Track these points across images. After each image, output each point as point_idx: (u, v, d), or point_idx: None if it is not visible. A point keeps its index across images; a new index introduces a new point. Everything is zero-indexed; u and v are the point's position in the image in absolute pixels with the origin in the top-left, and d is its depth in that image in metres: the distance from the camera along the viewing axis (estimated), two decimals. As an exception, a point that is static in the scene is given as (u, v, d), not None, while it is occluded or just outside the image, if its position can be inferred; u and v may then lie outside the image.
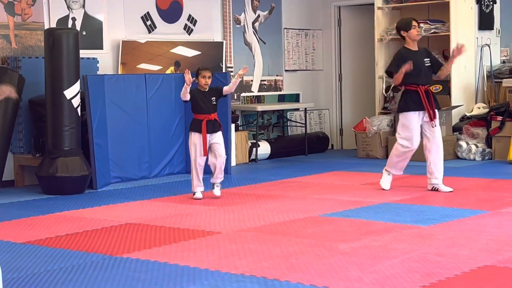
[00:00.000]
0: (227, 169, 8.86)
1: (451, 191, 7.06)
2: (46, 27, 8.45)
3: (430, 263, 4.43)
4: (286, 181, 8.23)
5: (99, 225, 5.93)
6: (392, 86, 10.32)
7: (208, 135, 7.00)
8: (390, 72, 7.28)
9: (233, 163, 9.55)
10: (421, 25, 9.97)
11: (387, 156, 9.93)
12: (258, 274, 4.29)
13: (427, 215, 5.98)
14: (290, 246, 4.99)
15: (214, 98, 7.10)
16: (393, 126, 10.09)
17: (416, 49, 7.24)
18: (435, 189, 7.11)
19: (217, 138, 7.10)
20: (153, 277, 4.33)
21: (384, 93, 10.38)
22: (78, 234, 5.60)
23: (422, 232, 5.32)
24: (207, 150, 7.01)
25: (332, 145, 11.62)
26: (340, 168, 9.27)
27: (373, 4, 10.52)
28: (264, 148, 10.31)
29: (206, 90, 7.12)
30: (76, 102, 7.69)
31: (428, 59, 7.22)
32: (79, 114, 7.78)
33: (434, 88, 10.07)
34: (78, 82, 7.71)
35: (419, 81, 7.10)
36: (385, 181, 7.31)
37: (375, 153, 10.13)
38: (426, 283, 4.02)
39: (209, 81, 7.11)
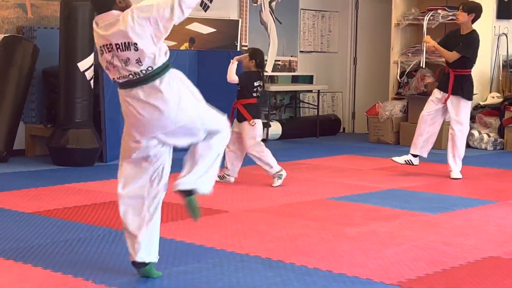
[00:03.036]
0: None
1: (459, 179, 7.06)
2: (63, -2, 8.42)
3: (436, 251, 4.42)
4: (295, 163, 8.21)
5: (107, 199, 5.95)
6: (406, 72, 10.26)
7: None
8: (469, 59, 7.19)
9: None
10: (439, 11, 9.93)
11: (398, 142, 9.97)
12: (263, 255, 4.30)
13: (435, 203, 5.96)
14: (296, 229, 4.99)
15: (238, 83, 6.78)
16: (406, 111, 10.05)
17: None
18: None
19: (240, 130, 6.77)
20: (159, 253, 4.34)
21: (398, 78, 10.31)
22: (86, 207, 5.62)
23: (429, 220, 5.31)
24: None
25: (344, 128, 11.59)
26: (351, 152, 9.25)
27: (391, -12, 10.42)
28: (276, 129, 10.30)
29: None
30: (89, 74, 7.68)
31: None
32: (92, 87, 7.78)
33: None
34: (92, 55, 7.71)
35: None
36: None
37: (386, 138, 10.10)
38: (430, 271, 4.02)
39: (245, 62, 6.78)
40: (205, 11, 9.90)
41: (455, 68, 7.14)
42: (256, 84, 6.69)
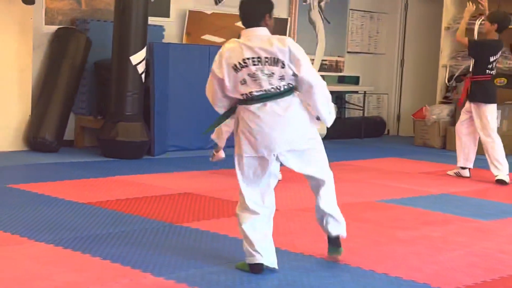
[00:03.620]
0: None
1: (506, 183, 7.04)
2: (117, -9, 8.51)
3: (492, 259, 4.38)
4: (341, 163, 8.18)
5: (158, 192, 6.00)
6: (455, 76, 10.18)
7: None
8: None
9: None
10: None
11: (444, 146, 9.89)
12: (317, 255, 4.30)
13: (486, 209, 5.91)
14: (348, 230, 4.94)
15: None
16: (454, 116, 9.96)
17: None
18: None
19: None
20: (213, 248, 4.38)
21: (447, 82, 10.23)
22: (138, 199, 5.68)
23: (482, 227, 5.26)
24: None
25: (388, 131, 11.52)
26: (396, 155, 9.19)
27: (443, -9, 10.34)
28: (320, 128, 10.21)
29: None
30: (141, 68, 7.75)
31: None
32: (143, 81, 7.85)
33: (498, 81, 9.91)
34: (145, 49, 7.77)
35: None
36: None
37: (432, 142, 10.02)
38: (487, 278, 3.99)
39: None
40: (255, 8, 9.91)
41: (471, 75, 7.38)
42: None
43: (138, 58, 7.69)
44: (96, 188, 6.07)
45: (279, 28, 10.06)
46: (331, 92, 10.83)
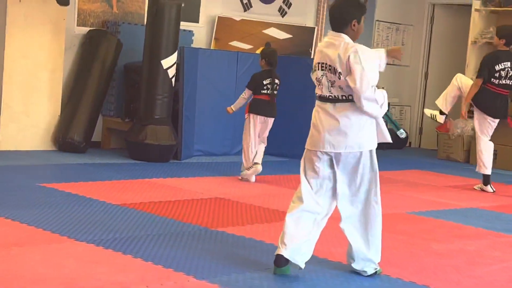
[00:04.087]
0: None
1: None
2: (148, -5, 8.56)
3: (530, 274, 4.38)
4: (367, 174, 8.18)
5: (189, 196, 6.02)
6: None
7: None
8: None
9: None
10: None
11: (468, 160, 9.87)
12: (355, 264, 4.30)
13: (518, 225, 5.91)
14: (383, 241, 4.95)
15: None
16: (478, 130, 9.93)
17: None
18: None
19: None
20: (251, 254, 4.39)
21: (472, 96, 10.19)
22: (170, 203, 5.69)
23: (516, 242, 5.26)
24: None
25: (410, 143, 11.52)
26: (420, 167, 9.19)
27: (469, 5, 10.34)
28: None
29: None
30: (171, 72, 7.78)
31: None
32: (173, 85, 7.88)
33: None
34: (176, 53, 7.80)
35: None
36: None
37: (456, 156, 10.01)
38: (528, 294, 3.99)
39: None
40: (283, 16, 9.95)
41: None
42: (265, 82, 7.05)
43: (169, 62, 7.73)
44: (127, 190, 6.09)
45: (306, 36, 10.09)
46: None
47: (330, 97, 3.95)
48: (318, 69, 3.96)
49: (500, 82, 7.41)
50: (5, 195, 5.44)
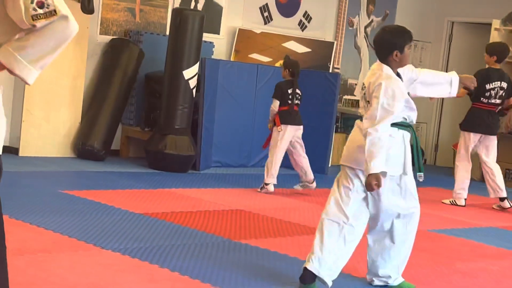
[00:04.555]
0: (324, 169, 8.90)
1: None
2: (170, 5, 8.62)
3: (556, 296, 4.36)
4: (384, 190, 8.17)
5: (210, 207, 6.03)
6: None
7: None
8: None
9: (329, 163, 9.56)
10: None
11: (483, 179, 9.83)
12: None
13: (539, 246, 5.88)
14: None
15: None
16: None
17: None
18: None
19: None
20: (276, 267, 4.39)
21: (489, 115, 10.18)
22: (192, 213, 5.70)
23: (539, 263, 5.23)
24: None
25: (425, 160, 11.49)
26: (436, 184, 9.16)
27: (489, 24, 10.34)
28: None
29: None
30: (192, 83, 7.81)
31: None
32: (193, 95, 7.90)
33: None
34: (197, 64, 7.83)
35: None
36: None
37: (472, 174, 9.91)
38: (555, 316, 3.97)
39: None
40: (303, 30, 9.98)
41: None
42: (289, 91, 7.11)
43: (191, 73, 7.75)
44: (148, 199, 6.10)
45: (325, 51, 10.12)
46: None
47: (363, 116, 3.99)
48: (362, 89, 4.03)
49: (490, 101, 7.42)
50: (28, 201, 5.45)
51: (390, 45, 3.91)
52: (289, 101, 7.12)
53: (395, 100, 3.83)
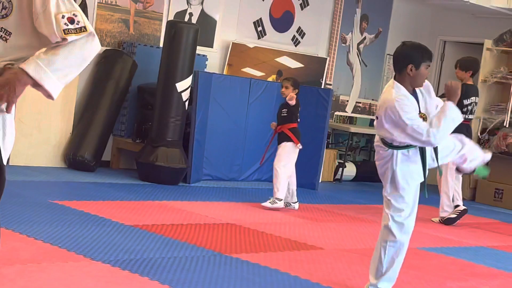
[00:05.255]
0: (314, 184, 8.90)
1: None
2: (165, 18, 8.63)
3: (546, 317, 4.37)
4: (374, 207, 8.19)
5: (201, 220, 6.01)
6: (488, 129, 10.21)
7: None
8: None
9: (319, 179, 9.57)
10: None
11: (474, 198, 9.88)
12: (371, 297, 4.29)
13: (528, 266, 5.90)
14: (398, 276, 4.96)
15: (285, 110, 7.19)
16: (485, 169, 9.96)
17: None
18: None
19: (278, 150, 7.17)
20: (267, 282, 4.37)
21: (479, 135, 10.26)
22: (183, 226, 5.68)
23: (529, 283, 5.25)
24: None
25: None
26: (426, 203, 9.11)
27: (481, 44, 10.42)
28: (350, 170, 10.29)
29: (284, 102, 7.23)
30: (185, 95, 7.81)
31: None
32: (186, 108, 7.89)
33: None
34: (191, 77, 7.83)
35: None
36: None
37: (462, 193, 9.98)
38: (545, 337, 3.97)
39: (285, 92, 7.16)
40: (296, 46, 10.01)
41: None
42: (299, 110, 7.27)
43: (184, 85, 7.75)
44: (139, 211, 6.07)
45: (317, 66, 10.15)
46: (363, 134, 11.23)
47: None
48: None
49: (466, 117, 7.41)
50: (18, 211, 5.42)
51: (406, 58, 3.94)
52: (299, 119, 7.21)
53: (409, 111, 3.90)
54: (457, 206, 7.46)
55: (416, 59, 3.94)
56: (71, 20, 2.46)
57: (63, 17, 2.44)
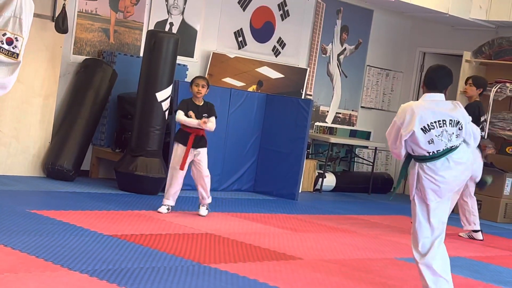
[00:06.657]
0: (294, 195, 8.91)
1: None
2: (145, 27, 8.63)
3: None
4: (353, 217, 8.22)
5: (180, 230, 6.00)
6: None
7: (192, 149, 6.85)
8: None
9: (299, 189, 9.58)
10: (507, 84, 9.99)
11: (453, 209, 9.92)
12: (349, 308, 4.30)
13: (506, 277, 5.94)
14: (375, 285, 4.99)
15: (206, 114, 6.86)
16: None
17: None
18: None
19: (201, 155, 6.91)
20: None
21: (458, 145, 10.32)
22: (162, 236, 5.66)
23: (506, 294, 5.28)
24: (185, 165, 6.82)
25: (394, 188, 11.56)
26: (405, 213, 9.20)
27: (460, 56, 10.50)
28: (330, 180, 10.32)
29: (201, 104, 6.91)
30: (165, 105, 7.80)
31: None
32: (166, 118, 7.88)
33: (509, 150, 10.04)
34: (171, 87, 7.83)
35: None
36: None
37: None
38: None
39: (202, 90, 6.87)
40: (276, 56, 10.04)
41: None
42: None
43: (163, 95, 7.74)
44: (118, 221, 6.05)
45: (298, 77, 10.19)
46: (343, 145, 11.38)
47: (452, 146, 4.59)
48: (436, 127, 4.56)
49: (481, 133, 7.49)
50: (-4, 220, 5.38)
51: (449, 81, 4.74)
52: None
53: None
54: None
55: (452, 81, 4.83)
56: (10, 42, 2.42)
57: (4, 34, 2.41)
